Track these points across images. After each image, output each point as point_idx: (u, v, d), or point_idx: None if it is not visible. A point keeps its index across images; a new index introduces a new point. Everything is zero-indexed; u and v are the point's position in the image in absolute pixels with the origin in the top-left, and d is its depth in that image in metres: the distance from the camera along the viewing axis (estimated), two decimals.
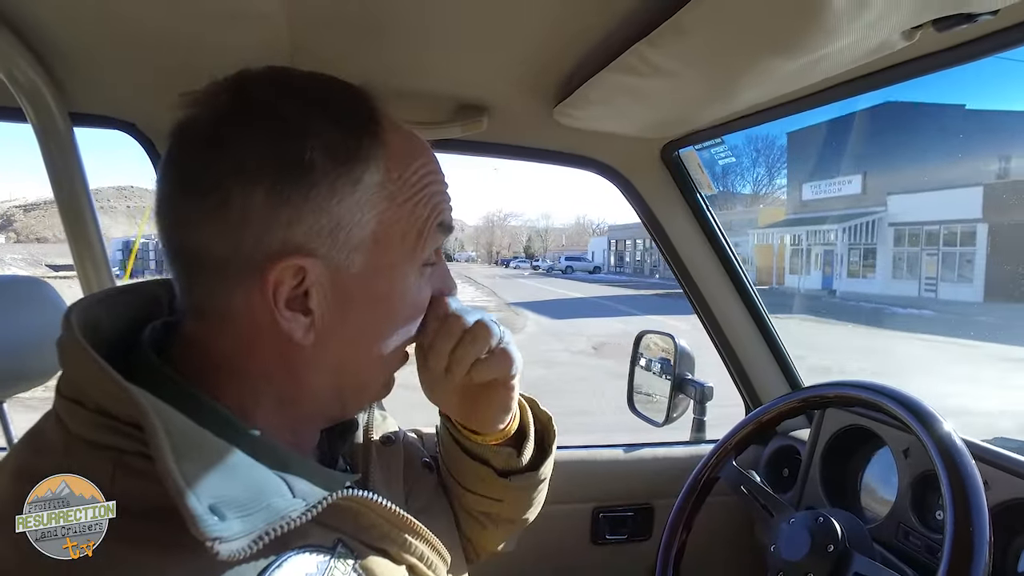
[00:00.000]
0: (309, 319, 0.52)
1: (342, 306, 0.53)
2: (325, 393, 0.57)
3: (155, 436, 0.42)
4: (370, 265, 0.53)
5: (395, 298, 0.56)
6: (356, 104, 0.53)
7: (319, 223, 0.50)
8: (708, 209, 1.27)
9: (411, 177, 0.55)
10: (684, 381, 1.37)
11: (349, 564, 0.52)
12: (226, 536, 0.42)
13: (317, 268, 0.51)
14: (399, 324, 0.57)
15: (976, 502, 0.68)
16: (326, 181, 0.50)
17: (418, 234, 0.56)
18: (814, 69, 0.72)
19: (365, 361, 0.57)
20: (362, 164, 0.51)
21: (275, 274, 0.49)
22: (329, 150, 0.50)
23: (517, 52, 0.87)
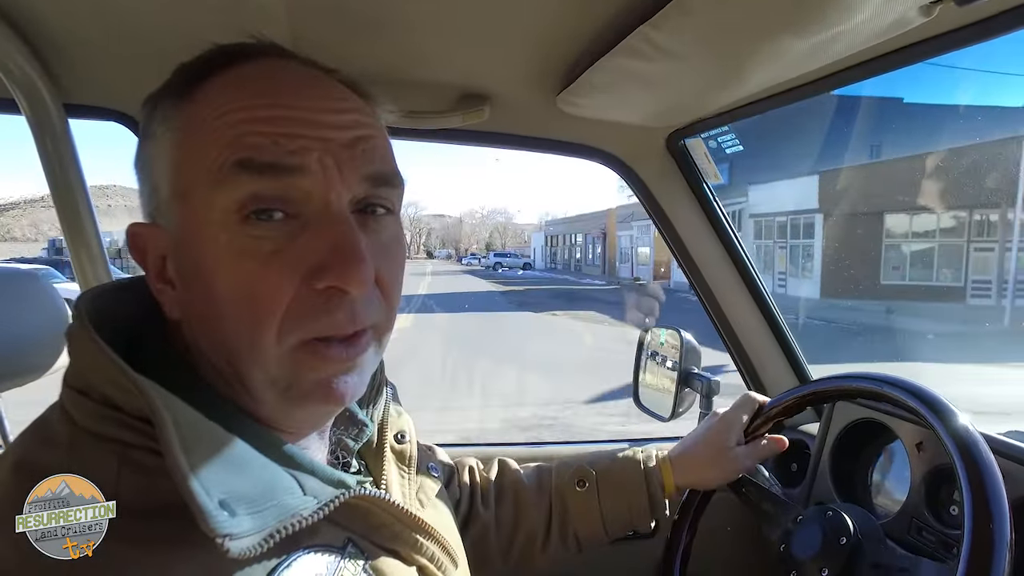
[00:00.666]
0: (176, 292, 0.51)
1: (184, 275, 0.50)
2: (222, 381, 0.50)
3: (164, 429, 0.41)
4: (183, 226, 0.49)
5: (208, 265, 0.46)
6: (191, 63, 0.52)
7: (148, 186, 0.51)
8: (715, 199, 1.25)
9: (204, 114, 0.47)
10: (690, 375, 1.34)
11: (359, 564, 0.51)
12: (236, 533, 0.41)
13: (159, 235, 0.50)
14: (231, 302, 0.46)
15: (996, 497, 0.66)
16: (145, 143, 0.51)
17: (210, 178, 0.46)
18: (827, 49, 0.70)
19: (224, 348, 0.49)
20: (159, 116, 0.51)
21: (131, 239, 0.51)
22: (147, 110, 0.52)
23: (518, 39, 0.85)
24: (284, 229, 0.47)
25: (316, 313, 0.47)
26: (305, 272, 0.47)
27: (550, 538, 0.93)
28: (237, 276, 0.46)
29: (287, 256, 0.46)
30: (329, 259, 0.46)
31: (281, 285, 0.46)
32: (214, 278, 0.46)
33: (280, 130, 0.46)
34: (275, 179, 0.46)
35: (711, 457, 0.95)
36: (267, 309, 0.46)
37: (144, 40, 0.86)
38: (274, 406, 0.51)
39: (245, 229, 0.46)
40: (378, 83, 0.97)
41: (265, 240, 0.46)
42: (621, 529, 0.94)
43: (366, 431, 0.65)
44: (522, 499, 0.95)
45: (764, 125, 20.03)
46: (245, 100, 0.47)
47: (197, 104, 0.49)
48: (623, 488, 0.93)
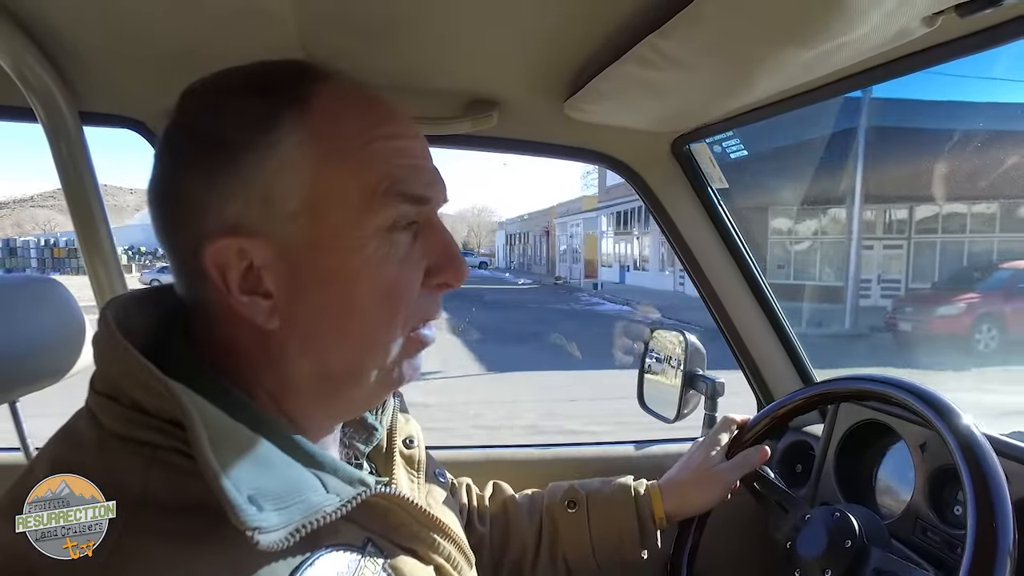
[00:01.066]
0: (270, 302, 0.51)
1: (299, 285, 0.51)
2: (310, 384, 0.54)
3: (195, 429, 0.43)
4: (314, 236, 0.50)
5: (351, 271, 0.51)
6: (273, 72, 0.53)
7: (249, 197, 0.50)
8: (720, 203, 1.26)
9: (347, 136, 0.51)
10: (694, 377, 1.35)
11: (379, 563, 0.52)
12: (265, 527, 0.42)
13: (260, 246, 0.50)
14: (371, 301, 0.52)
15: (999, 497, 0.67)
16: (245, 152, 0.49)
17: (364, 198, 0.51)
18: (831, 59, 0.71)
19: (343, 346, 0.53)
20: (278, 125, 0.50)
21: (211, 257, 0.49)
22: (241, 119, 0.50)
23: (527, 46, 0.86)
24: (410, 235, 0.54)
25: (428, 305, 0.56)
26: (424, 271, 0.55)
27: (539, 559, 0.93)
28: (382, 278, 0.52)
29: (414, 259, 0.54)
30: (443, 261, 0.56)
31: (414, 283, 0.54)
32: (357, 281, 0.51)
33: (416, 162, 0.55)
34: (418, 206, 0.54)
35: (696, 480, 0.96)
36: (403, 304, 0.54)
37: (157, 48, 0.87)
38: (364, 394, 0.57)
39: (388, 237, 0.52)
40: (388, 90, 0.99)
41: (401, 246, 0.53)
42: (610, 555, 0.93)
43: (376, 435, 0.67)
44: (513, 518, 0.96)
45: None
46: (377, 124, 0.53)
47: (325, 119, 0.51)
48: (613, 511, 0.94)
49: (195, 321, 0.54)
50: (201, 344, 0.54)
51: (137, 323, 0.52)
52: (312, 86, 0.52)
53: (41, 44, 0.88)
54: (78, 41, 0.88)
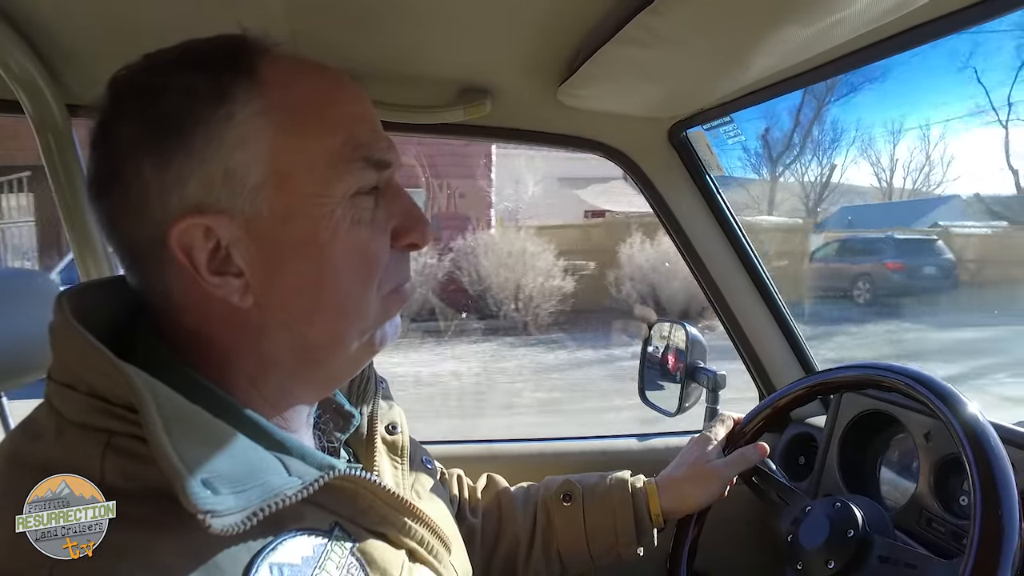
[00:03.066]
0: (242, 280, 0.50)
1: (270, 259, 0.50)
2: (289, 358, 0.53)
3: (147, 411, 0.41)
4: (280, 207, 0.50)
5: (322, 238, 0.51)
6: (220, 47, 0.51)
7: (209, 174, 0.48)
8: (718, 191, 1.24)
9: (304, 103, 0.51)
10: (696, 370, 1.34)
11: (347, 547, 0.51)
12: (219, 510, 0.41)
13: (225, 223, 0.49)
14: (344, 268, 0.52)
15: (1006, 486, 0.65)
16: (200, 128, 0.48)
17: (328, 164, 0.51)
18: (829, 34, 0.69)
19: (322, 316, 0.53)
20: (231, 98, 0.49)
21: (176, 241, 0.48)
22: (191, 95, 0.48)
23: (517, 30, 0.85)
24: (372, 200, 0.54)
25: (399, 267, 0.57)
26: (391, 233, 0.56)
27: (532, 553, 0.91)
28: (354, 243, 0.52)
29: (380, 222, 0.55)
30: (408, 223, 0.56)
31: (384, 246, 0.55)
32: (330, 248, 0.51)
33: (375, 127, 0.55)
34: (381, 171, 0.54)
35: (693, 476, 0.94)
36: (376, 267, 0.54)
37: (145, 40, 0.85)
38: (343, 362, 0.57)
39: (355, 202, 0.52)
40: (379, 77, 0.98)
41: (367, 211, 0.53)
42: (606, 551, 0.92)
43: (353, 422, 0.66)
44: (507, 510, 0.94)
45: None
46: (332, 91, 0.54)
47: (277, 88, 0.50)
48: (609, 506, 0.92)
49: (160, 310, 0.53)
50: (169, 332, 0.52)
51: (96, 311, 0.51)
52: (258, 57, 0.51)
53: (27, 36, 0.87)
54: (64, 32, 0.87)
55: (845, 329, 10.13)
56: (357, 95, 0.55)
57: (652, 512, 0.92)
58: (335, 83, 0.54)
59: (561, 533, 0.91)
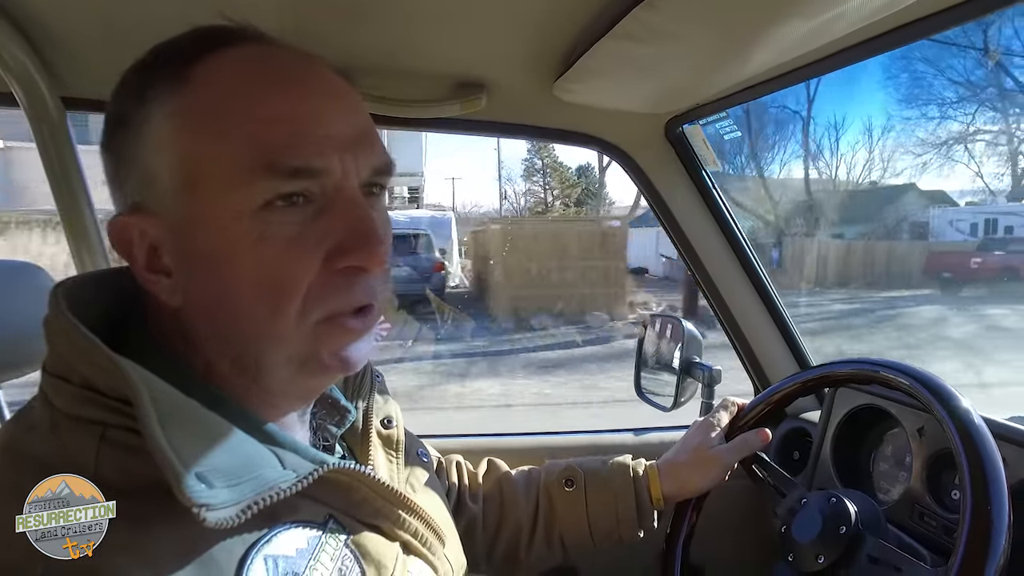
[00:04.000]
0: (171, 280, 0.50)
1: (187, 264, 0.50)
2: (223, 364, 0.52)
3: (142, 404, 0.42)
4: (191, 214, 0.48)
5: (225, 251, 0.47)
6: (173, 43, 0.51)
7: (138, 176, 0.49)
8: (714, 186, 1.24)
9: (225, 106, 0.48)
10: (692, 364, 1.34)
11: (341, 539, 0.51)
12: (214, 504, 0.41)
13: (153, 224, 0.49)
14: (250, 286, 0.47)
15: (995, 479, 0.65)
16: (127, 128, 0.49)
17: (233, 172, 0.46)
18: (826, 30, 0.69)
19: (237, 331, 0.50)
20: (150, 100, 0.49)
21: (115, 234, 0.50)
22: (128, 95, 0.50)
23: (514, 24, 0.84)
24: (304, 213, 0.48)
25: (337, 292, 0.50)
26: (326, 253, 0.49)
27: (535, 538, 0.92)
28: (258, 261, 0.47)
29: (308, 239, 0.48)
30: (350, 241, 0.49)
31: (303, 268, 0.48)
32: (231, 264, 0.47)
33: (299, 128, 0.48)
34: (299, 180, 0.48)
35: (695, 461, 0.95)
36: (289, 291, 0.48)
37: (138, 32, 0.85)
38: (283, 382, 0.52)
39: (265, 216, 0.47)
40: (374, 72, 0.98)
41: (286, 225, 0.47)
42: (607, 535, 0.92)
43: (349, 417, 0.66)
44: (509, 496, 0.94)
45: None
46: (256, 91, 0.49)
47: (198, 89, 0.48)
48: (611, 491, 0.92)
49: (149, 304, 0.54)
50: (158, 326, 0.53)
51: (90, 304, 0.51)
52: (203, 55, 0.49)
53: (22, 29, 0.87)
54: (58, 25, 0.87)
55: None
56: (292, 90, 0.49)
57: (653, 496, 0.93)
58: (278, 80, 0.50)
59: (563, 518, 0.92)
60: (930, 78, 19.44)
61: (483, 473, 0.99)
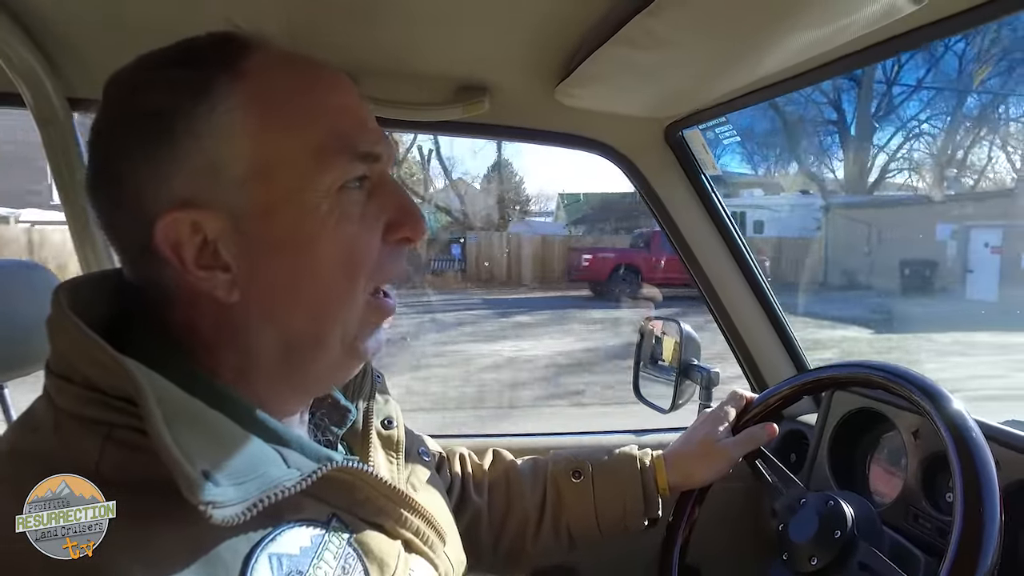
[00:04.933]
0: (229, 275, 0.50)
1: (256, 254, 0.50)
2: (274, 355, 0.53)
3: (147, 403, 0.42)
4: (266, 201, 0.50)
5: (307, 233, 0.51)
6: (199, 44, 0.52)
7: (194, 169, 0.49)
8: (713, 190, 1.25)
9: (287, 96, 0.51)
10: (689, 367, 1.35)
11: (344, 538, 0.52)
12: (220, 501, 0.42)
13: (212, 217, 0.49)
14: (331, 262, 0.52)
15: (987, 481, 0.66)
16: (182, 123, 0.48)
17: (312, 157, 0.50)
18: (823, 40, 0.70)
19: (306, 311, 0.53)
20: (212, 91, 0.49)
21: (163, 235, 0.48)
22: (173, 90, 0.49)
23: (516, 29, 0.85)
24: (363, 194, 0.54)
25: (391, 262, 0.56)
26: (383, 228, 0.55)
27: (542, 529, 0.92)
28: (341, 238, 0.52)
29: (369, 217, 0.54)
30: (401, 216, 0.56)
31: (373, 241, 0.54)
32: (316, 243, 0.51)
33: (362, 119, 0.54)
34: (367, 164, 0.53)
35: (701, 453, 0.95)
36: (365, 263, 0.54)
37: (144, 33, 0.86)
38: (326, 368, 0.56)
39: (341, 197, 0.52)
40: (377, 75, 0.99)
41: (355, 204, 0.53)
42: (614, 525, 0.93)
43: (349, 416, 0.67)
44: (515, 487, 0.94)
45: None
46: (318, 84, 0.53)
47: (260, 81, 0.50)
48: (618, 482, 0.93)
49: (154, 303, 0.53)
50: (162, 325, 0.53)
51: (92, 304, 0.51)
52: (242, 52, 0.51)
53: (28, 28, 0.87)
54: (64, 25, 0.88)
55: None
56: (342, 86, 0.55)
57: (660, 486, 0.93)
58: (319, 75, 0.54)
59: (571, 509, 0.92)
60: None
61: (488, 464, 0.99)
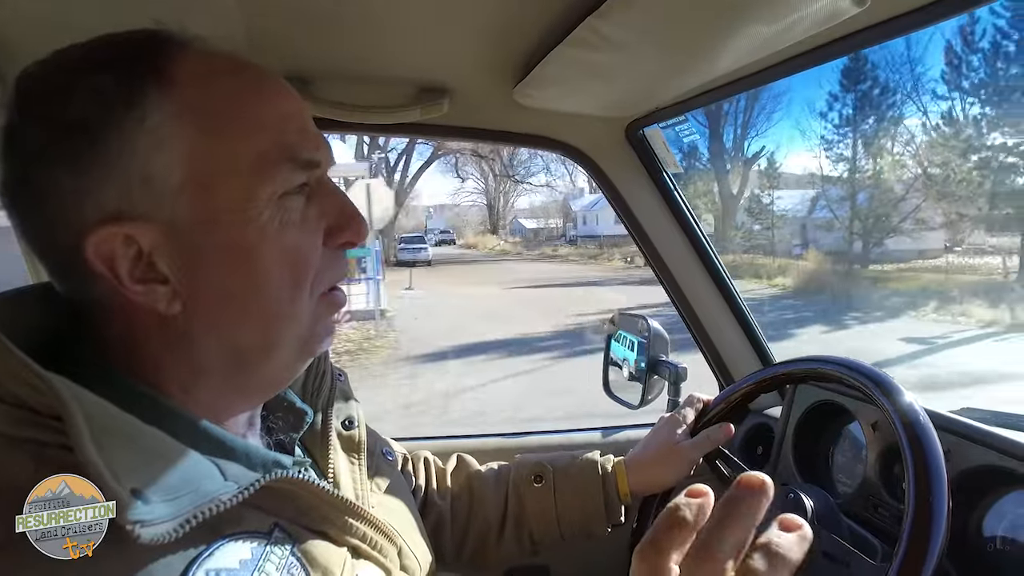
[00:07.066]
0: (168, 287, 0.49)
1: (196, 264, 0.49)
2: (222, 364, 0.53)
3: (73, 421, 0.41)
4: (204, 211, 0.49)
5: (249, 242, 0.50)
6: (122, 45, 0.50)
7: (126, 180, 0.47)
8: (675, 187, 1.26)
9: (225, 103, 0.50)
10: (658, 363, 1.36)
11: (287, 548, 0.51)
12: (148, 520, 0.41)
13: (147, 230, 0.48)
14: (274, 271, 0.51)
15: (935, 470, 0.68)
16: (112, 133, 0.47)
17: (253, 167, 0.49)
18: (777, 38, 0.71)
19: (253, 321, 0.52)
20: (142, 101, 0.47)
21: (95, 250, 0.47)
22: (99, 98, 0.47)
23: (473, 31, 0.85)
24: (301, 200, 0.53)
25: (334, 265, 0.56)
26: (324, 232, 0.55)
27: (504, 533, 0.93)
28: (283, 245, 0.51)
29: (310, 222, 0.53)
30: (342, 220, 0.55)
31: (314, 247, 0.54)
32: (258, 251, 0.50)
33: (302, 125, 0.54)
34: (308, 171, 0.53)
35: (660, 457, 0.97)
36: (308, 269, 0.53)
37: None
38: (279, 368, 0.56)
39: (282, 204, 0.51)
40: (335, 79, 0.98)
41: (295, 211, 0.52)
42: (576, 530, 0.93)
43: (306, 419, 0.65)
44: (478, 492, 0.95)
45: None
46: (254, 90, 0.52)
47: (191, 88, 0.48)
48: (580, 486, 0.93)
49: (90, 317, 0.52)
50: (101, 341, 0.52)
51: (19, 321, 0.49)
52: (171, 55, 0.49)
53: None
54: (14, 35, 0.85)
55: None
56: (281, 91, 0.54)
57: (621, 492, 0.94)
58: (256, 81, 0.52)
59: (533, 515, 0.93)
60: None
61: (452, 470, 0.99)
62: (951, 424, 0.86)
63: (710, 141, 25.33)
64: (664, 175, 1.25)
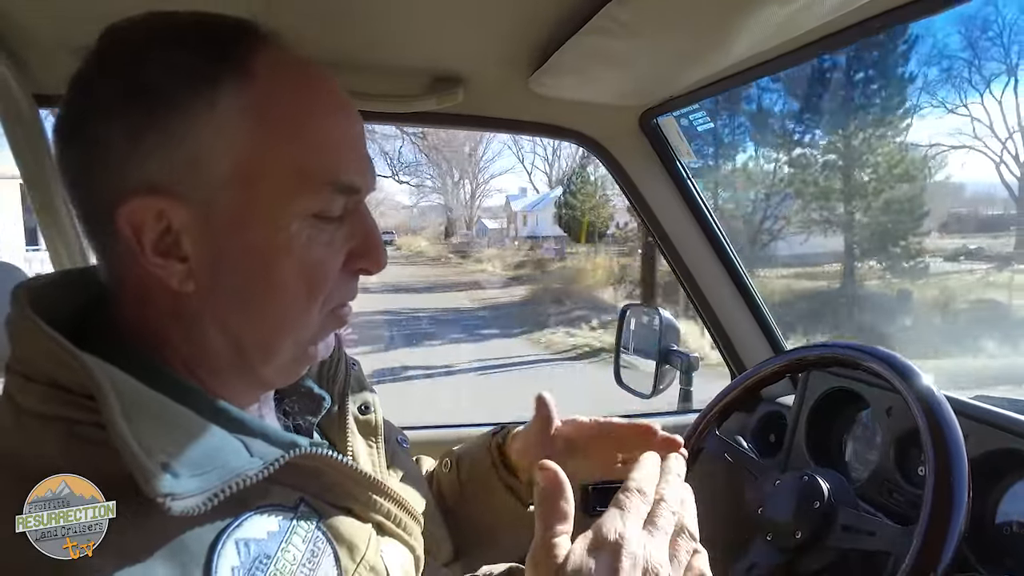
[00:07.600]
0: (186, 266, 0.49)
1: (218, 254, 0.49)
2: (223, 353, 0.53)
3: (105, 397, 0.42)
4: (240, 206, 0.49)
5: (275, 247, 0.50)
6: (211, 27, 0.50)
7: (175, 157, 0.47)
8: (688, 177, 1.27)
9: (291, 112, 0.50)
10: (669, 352, 1.37)
11: (312, 523, 0.52)
12: (179, 493, 0.42)
13: (180, 210, 0.48)
14: (290, 280, 0.51)
15: (956, 454, 0.68)
16: (178, 109, 0.47)
17: (300, 180, 0.49)
18: (793, 23, 0.72)
19: (259, 321, 0.52)
20: (218, 87, 0.47)
21: (127, 217, 0.47)
22: (177, 72, 0.47)
23: (490, 20, 0.85)
24: (336, 222, 0.53)
25: (346, 287, 0.56)
26: (345, 256, 0.54)
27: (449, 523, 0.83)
28: (304, 261, 0.51)
29: (336, 244, 0.53)
30: (364, 248, 0.55)
31: (334, 268, 0.54)
32: (279, 259, 0.50)
33: (357, 151, 0.54)
34: (347, 196, 0.53)
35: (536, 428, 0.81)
36: (323, 287, 0.53)
37: None
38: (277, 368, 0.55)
39: (314, 222, 0.51)
40: (351, 67, 0.98)
41: (325, 232, 0.52)
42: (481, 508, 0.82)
43: (324, 404, 0.66)
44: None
45: None
46: (320, 105, 0.52)
47: (265, 87, 0.49)
48: (475, 460, 0.84)
49: (113, 294, 0.53)
50: (118, 318, 0.52)
51: (55, 303, 0.50)
52: (253, 49, 0.49)
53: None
54: (28, 20, 0.86)
55: None
56: (350, 114, 0.54)
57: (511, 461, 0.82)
58: (328, 96, 0.53)
59: (449, 498, 0.85)
60: None
61: None
62: (967, 408, 0.87)
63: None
64: (678, 164, 1.26)
